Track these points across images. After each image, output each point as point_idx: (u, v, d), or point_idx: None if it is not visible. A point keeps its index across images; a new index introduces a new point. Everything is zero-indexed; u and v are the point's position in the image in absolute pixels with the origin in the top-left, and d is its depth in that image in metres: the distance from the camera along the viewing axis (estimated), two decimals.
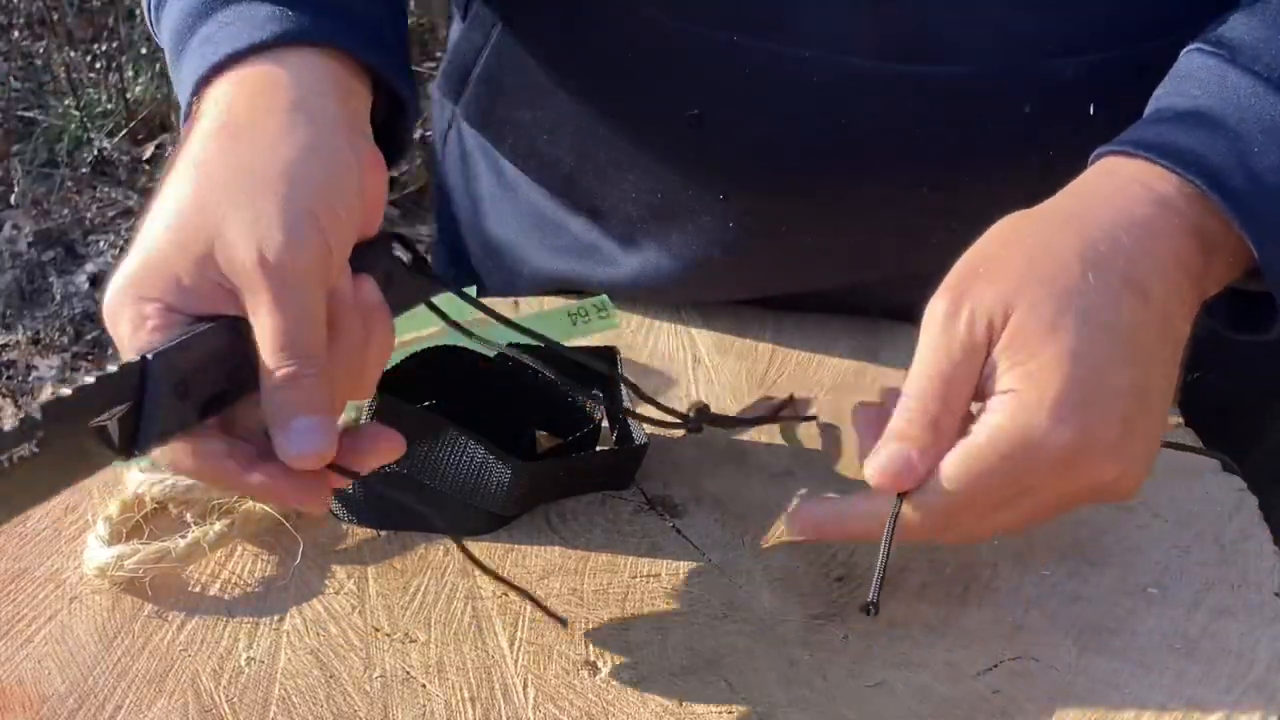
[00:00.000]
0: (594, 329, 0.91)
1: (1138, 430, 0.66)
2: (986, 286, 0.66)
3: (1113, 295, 0.65)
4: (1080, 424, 0.64)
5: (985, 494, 0.66)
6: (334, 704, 0.67)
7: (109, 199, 2.83)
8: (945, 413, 0.66)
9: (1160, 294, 0.67)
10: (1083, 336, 0.64)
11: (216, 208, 0.64)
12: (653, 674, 0.68)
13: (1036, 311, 0.65)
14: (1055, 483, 0.66)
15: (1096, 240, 0.67)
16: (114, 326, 0.64)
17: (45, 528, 0.78)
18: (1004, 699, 0.67)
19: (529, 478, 0.76)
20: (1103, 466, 0.65)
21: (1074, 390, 0.64)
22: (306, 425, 0.63)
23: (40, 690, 0.67)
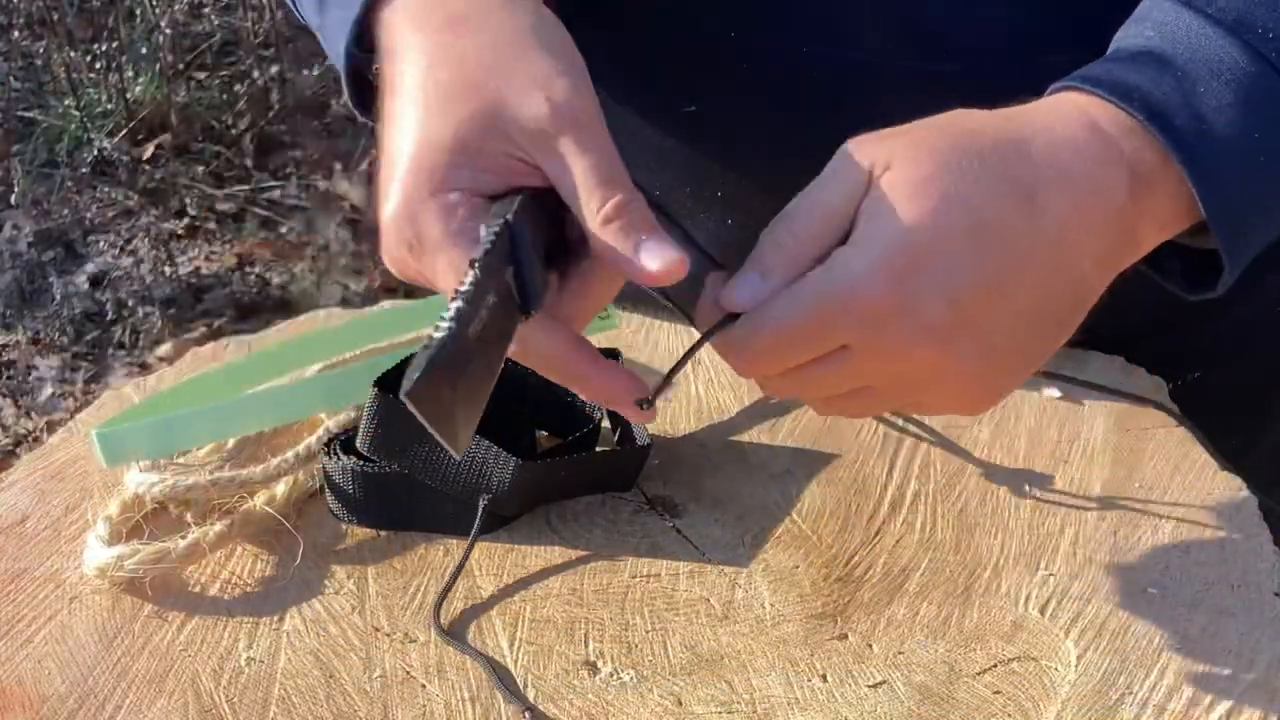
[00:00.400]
0: (594, 330, 0.91)
1: (978, 330, 0.63)
2: (885, 139, 0.65)
3: (992, 188, 0.63)
4: (899, 286, 0.62)
5: (801, 336, 0.63)
6: (334, 704, 0.67)
7: (109, 199, 2.83)
8: (807, 247, 0.64)
9: (1056, 210, 0.64)
10: (941, 205, 0.62)
11: (490, 78, 0.63)
12: (653, 674, 0.68)
13: (906, 171, 0.63)
14: (869, 344, 0.63)
15: (1005, 140, 0.64)
16: (415, 228, 0.62)
17: (45, 528, 0.78)
18: (1004, 699, 0.67)
19: (531, 476, 0.76)
20: (920, 345, 0.63)
21: (904, 251, 0.62)
22: (656, 242, 0.62)
23: (40, 690, 0.67)
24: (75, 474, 0.82)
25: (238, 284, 2.65)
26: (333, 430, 0.81)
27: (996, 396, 0.67)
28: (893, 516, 0.78)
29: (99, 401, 0.88)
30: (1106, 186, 0.65)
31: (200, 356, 0.92)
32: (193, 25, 3.26)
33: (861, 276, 0.62)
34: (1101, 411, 0.86)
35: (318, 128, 3.07)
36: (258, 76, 3.12)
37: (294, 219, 2.81)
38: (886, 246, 0.62)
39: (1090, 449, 0.83)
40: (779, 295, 0.63)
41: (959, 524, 0.78)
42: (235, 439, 0.82)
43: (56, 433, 0.86)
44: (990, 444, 0.84)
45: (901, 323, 0.62)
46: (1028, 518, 0.78)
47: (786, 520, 0.78)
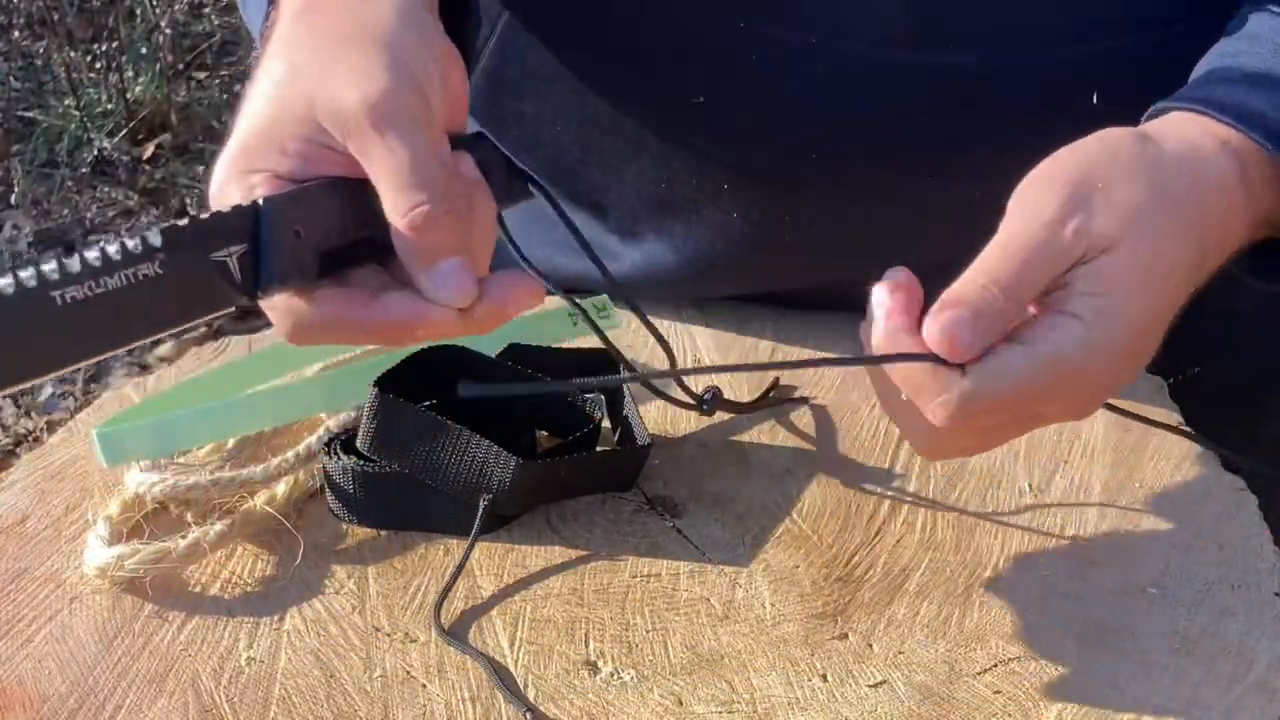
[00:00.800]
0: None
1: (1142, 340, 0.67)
2: (1104, 208, 0.65)
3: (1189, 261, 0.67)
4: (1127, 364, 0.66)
5: (1011, 408, 0.65)
6: (334, 704, 0.67)
7: (109, 199, 2.83)
8: (1014, 296, 0.64)
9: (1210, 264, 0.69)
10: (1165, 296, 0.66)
11: (313, 71, 0.63)
12: (653, 674, 0.68)
13: (1136, 258, 0.64)
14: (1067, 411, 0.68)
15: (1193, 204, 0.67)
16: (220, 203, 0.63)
17: (45, 528, 0.78)
18: (1004, 699, 0.67)
19: (531, 476, 0.76)
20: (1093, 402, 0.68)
21: (1138, 340, 0.65)
22: (451, 266, 0.62)
23: (40, 690, 0.67)
24: (75, 474, 0.82)
25: None
26: (333, 430, 0.81)
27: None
28: (893, 516, 0.78)
29: (99, 401, 0.88)
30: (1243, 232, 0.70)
31: (200, 356, 0.92)
32: (193, 25, 3.26)
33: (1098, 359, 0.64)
34: (1102, 411, 0.86)
35: None
36: None
37: None
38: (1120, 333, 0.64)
39: (1090, 449, 0.83)
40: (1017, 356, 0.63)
41: (959, 524, 0.78)
42: (235, 439, 0.82)
43: (56, 433, 0.86)
44: None
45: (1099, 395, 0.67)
46: (1028, 518, 0.78)
47: (786, 520, 0.78)
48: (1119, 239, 0.64)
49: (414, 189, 0.61)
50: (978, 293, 0.63)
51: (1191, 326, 0.94)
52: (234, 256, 0.60)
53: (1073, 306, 0.64)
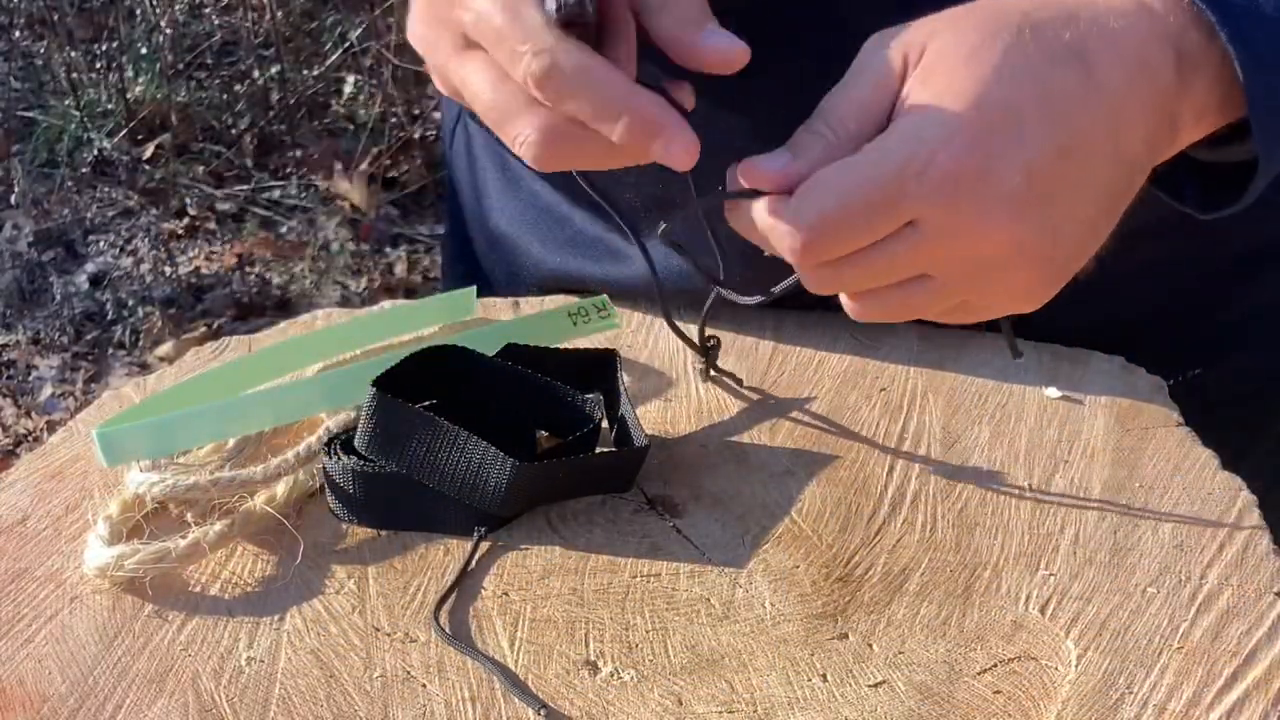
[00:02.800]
0: (594, 329, 0.91)
1: (1049, 204, 0.60)
2: (915, 26, 0.62)
3: (1049, 54, 0.60)
4: (978, 149, 0.58)
5: (869, 206, 0.60)
6: (334, 704, 0.67)
7: (109, 199, 2.83)
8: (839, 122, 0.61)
9: (1112, 81, 0.60)
10: (1003, 69, 0.59)
11: None
12: (653, 674, 0.68)
13: (958, 39, 0.60)
14: (941, 218, 0.60)
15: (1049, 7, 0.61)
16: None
17: (45, 528, 0.78)
18: (1004, 699, 0.67)
19: (528, 477, 0.76)
20: (995, 217, 0.59)
21: (977, 115, 0.58)
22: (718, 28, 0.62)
23: (40, 690, 0.67)
24: (75, 474, 0.82)
25: (238, 284, 2.65)
26: (333, 430, 0.81)
27: (1058, 283, 0.64)
28: (893, 516, 0.78)
29: (99, 401, 0.88)
30: (1154, 63, 0.62)
31: (200, 356, 0.92)
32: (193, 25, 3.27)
33: (935, 141, 0.58)
34: (1101, 411, 0.86)
35: (318, 128, 3.07)
36: (258, 76, 3.12)
37: (294, 219, 2.81)
38: (959, 106, 0.58)
39: (1090, 449, 0.83)
40: (843, 164, 0.60)
41: (959, 524, 0.78)
42: (235, 439, 0.82)
43: (56, 433, 0.86)
44: (990, 444, 0.84)
45: (979, 190, 0.59)
46: (1028, 518, 0.78)
47: (786, 520, 0.78)
48: (937, 30, 0.61)
49: None
50: (802, 132, 0.62)
51: (1192, 327, 0.94)
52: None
53: (900, 111, 0.61)
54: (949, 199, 0.59)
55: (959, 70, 0.59)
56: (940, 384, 0.89)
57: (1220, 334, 0.95)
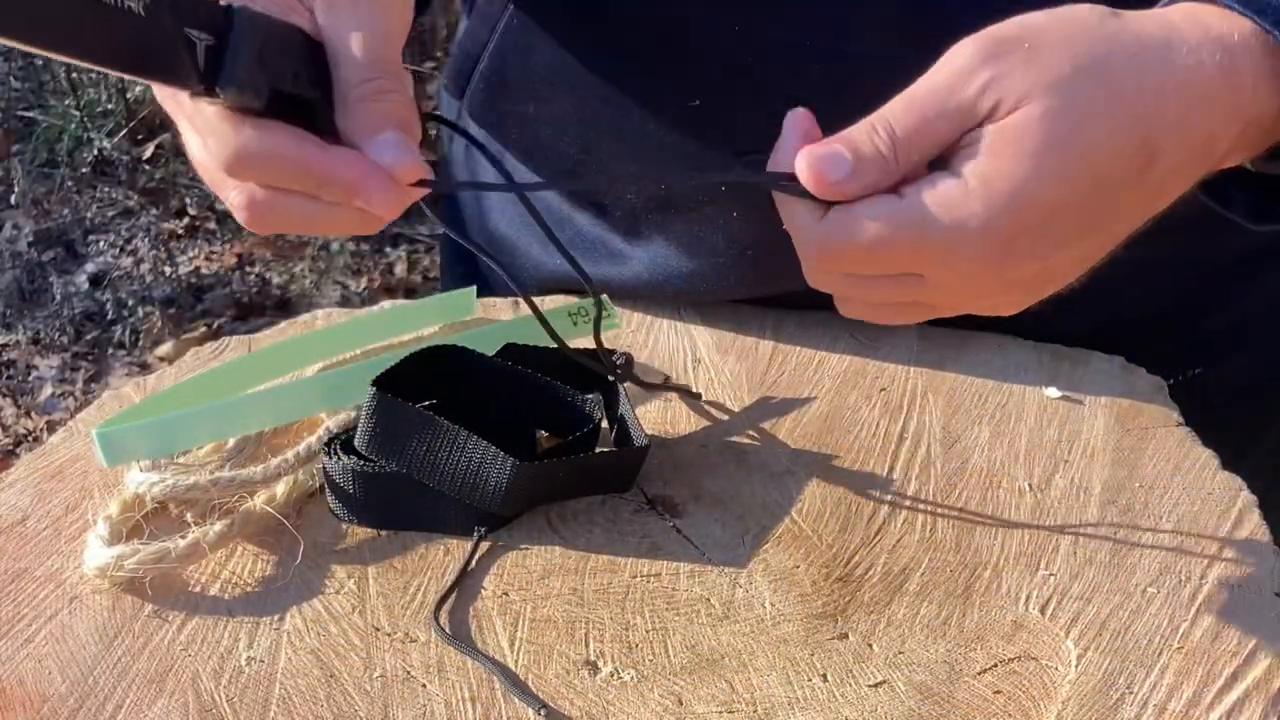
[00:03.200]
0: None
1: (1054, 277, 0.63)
2: (1021, 66, 0.61)
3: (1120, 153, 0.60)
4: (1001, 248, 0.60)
5: (888, 257, 0.62)
6: (334, 704, 0.67)
7: (109, 199, 2.83)
8: (905, 149, 0.61)
9: (1167, 164, 0.62)
10: (1070, 169, 0.60)
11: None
12: (653, 674, 0.68)
13: (1048, 118, 0.60)
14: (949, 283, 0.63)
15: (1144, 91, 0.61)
16: None
17: (45, 528, 0.78)
18: (1004, 699, 0.67)
19: (529, 477, 0.76)
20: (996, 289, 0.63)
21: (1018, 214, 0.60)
22: (394, 139, 0.62)
23: (40, 690, 0.67)
24: (75, 474, 0.82)
25: (238, 284, 2.65)
26: (333, 430, 0.81)
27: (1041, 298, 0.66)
28: (893, 516, 0.78)
29: (99, 401, 0.88)
30: (1222, 142, 0.62)
31: (200, 356, 0.92)
32: None
33: (969, 229, 0.60)
34: (1101, 411, 0.86)
35: None
36: None
37: None
38: (1003, 205, 0.60)
39: (1090, 449, 0.83)
40: (889, 214, 0.61)
41: (959, 524, 0.78)
42: (235, 439, 0.82)
43: (56, 433, 0.86)
44: (990, 444, 0.84)
45: (991, 275, 0.61)
46: (1028, 518, 0.78)
47: (786, 520, 0.78)
48: (1033, 97, 0.60)
49: (374, 65, 0.62)
50: (864, 135, 0.62)
51: (1192, 327, 0.94)
52: (202, 44, 0.61)
53: (958, 164, 0.61)
54: (961, 276, 0.62)
55: (1025, 161, 0.60)
56: (940, 384, 0.89)
57: (1220, 334, 0.95)
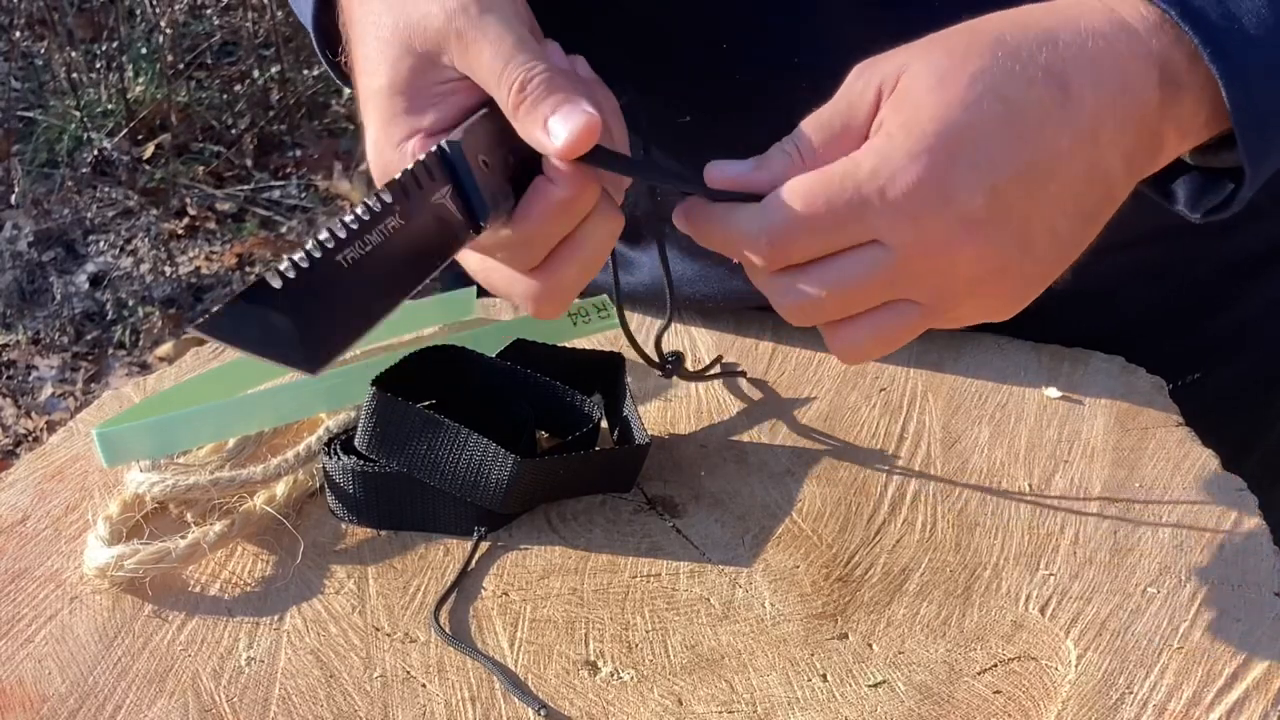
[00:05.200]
0: (594, 329, 0.91)
1: (1017, 221, 0.61)
2: (893, 55, 0.63)
3: (1023, 74, 0.61)
4: (938, 172, 0.60)
5: (826, 222, 0.61)
6: (334, 704, 0.67)
7: (109, 199, 2.83)
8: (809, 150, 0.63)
9: (1090, 100, 0.61)
10: (968, 94, 0.60)
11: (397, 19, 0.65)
12: (653, 674, 0.68)
13: (929, 68, 0.61)
14: (907, 239, 0.61)
15: (1029, 29, 0.62)
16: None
17: (45, 528, 0.78)
18: (1004, 699, 0.67)
19: (530, 474, 0.76)
20: (960, 237, 0.61)
21: (940, 136, 0.60)
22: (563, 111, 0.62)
23: (40, 690, 0.67)
24: (75, 474, 0.82)
25: (238, 284, 2.65)
26: (333, 430, 0.81)
27: (1030, 294, 0.65)
28: (893, 516, 0.78)
29: (99, 401, 0.88)
30: (1136, 83, 0.62)
31: (200, 356, 0.92)
32: (193, 25, 3.27)
33: (898, 162, 0.60)
34: (1101, 411, 0.86)
35: (318, 128, 3.07)
36: (258, 76, 3.12)
37: (294, 219, 2.81)
38: (923, 132, 0.60)
39: (1090, 449, 0.83)
40: (815, 173, 0.62)
41: (959, 524, 0.78)
42: (235, 439, 0.82)
43: (56, 433, 0.86)
44: (990, 444, 0.84)
45: (942, 212, 0.60)
46: (1028, 518, 0.78)
47: (786, 520, 0.78)
48: (909, 63, 0.62)
49: (510, 66, 0.63)
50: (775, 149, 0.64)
51: (1191, 331, 0.94)
52: (446, 197, 0.62)
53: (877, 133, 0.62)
54: (912, 218, 0.61)
55: (926, 97, 0.61)
56: (940, 384, 0.89)
57: (1219, 338, 0.95)
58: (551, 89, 0.62)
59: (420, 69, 0.64)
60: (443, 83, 0.64)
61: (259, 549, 0.76)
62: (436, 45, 0.64)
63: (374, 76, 0.65)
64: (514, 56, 0.63)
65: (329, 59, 0.74)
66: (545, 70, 0.63)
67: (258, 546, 0.76)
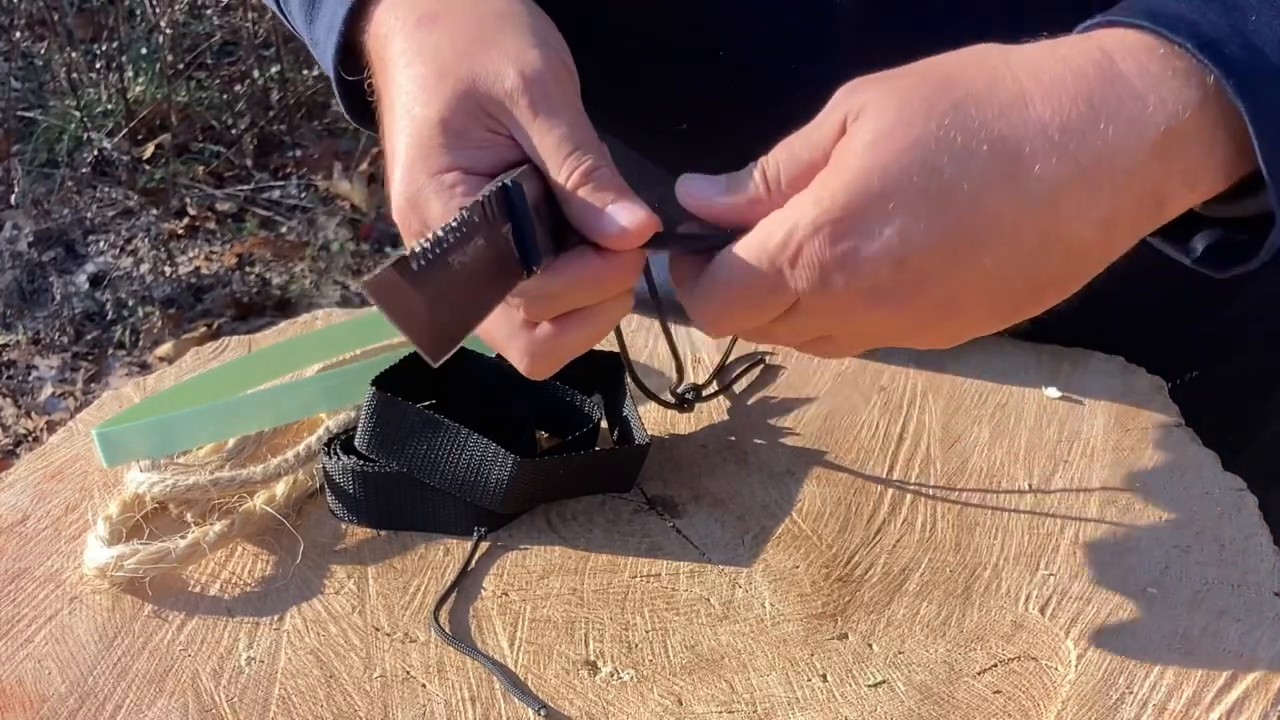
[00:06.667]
0: None
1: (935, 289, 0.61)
2: (869, 86, 0.62)
3: (963, 147, 0.59)
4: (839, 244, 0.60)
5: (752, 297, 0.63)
6: (334, 704, 0.67)
7: (109, 199, 2.83)
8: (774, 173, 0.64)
9: (1051, 174, 0.59)
10: (898, 161, 0.59)
11: (462, 61, 0.65)
12: (653, 674, 0.68)
13: (873, 123, 0.60)
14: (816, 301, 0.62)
15: (998, 91, 0.60)
16: (421, 212, 0.64)
17: (45, 528, 0.78)
18: (1004, 699, 0.67)
19: (530, 474, 0.76)
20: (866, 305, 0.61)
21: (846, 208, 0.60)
22: (622, 205, 0.63)
23: (40, 690, 0.67)
24: (75, 474, 0.82)
25: (238, 284, 2.65)
26: (333, 430, 0.81)
27: (966, 337, 0.65)
28: (893, 516, 0.78)
29: (99, 401, 0.88)
30: (1123, 147, 0.60)
31: (200, 356, 0.92)
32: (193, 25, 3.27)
33: (803, 229, 0.61)
34: (1101, 411, 0.86)
35: (318, 128, 3.07)
36: (258, 76, 3.12)
37: (294, 219, 2.81)
38: (831, 201, 0.60)
39: (1090, 449, 0.83)
40: (739, 247, 0.63)
41: (959, 524, 0.78)
42: (235, 439, 0.82)
43: (56, 433, 0.86)
44: (990, 444, 0.84)
45: (845, 281, 0.61)
46: (1028, 518, 0.78)
47: (786, 520, 0.78)
48: (866, 104, 0.61)
49: (576, 151, 0.64)
50: (744, 170, 0.65)
51: (1189, 331, 0.94)
52: (509, 234, 0.63)
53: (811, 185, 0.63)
54: (818, 287, 0.62)
55: (853, 160, 0.61)
56: (940, 384, 0.89)
57: (1217, 338, 0.95)
58: (615, 183, 0.64)
59: (473, 114, 0.65)
60: (488, 132, 0.65)
61: (259, 549, 0.76)
62: (498, 102, 0.65)
63: (423, 106, 0.65)
64: (582, 144, 0.65)
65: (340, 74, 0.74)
66: (609, 167, 0.65)
67: (258, 546, 0.76)
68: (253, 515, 0.76)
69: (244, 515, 0.76)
